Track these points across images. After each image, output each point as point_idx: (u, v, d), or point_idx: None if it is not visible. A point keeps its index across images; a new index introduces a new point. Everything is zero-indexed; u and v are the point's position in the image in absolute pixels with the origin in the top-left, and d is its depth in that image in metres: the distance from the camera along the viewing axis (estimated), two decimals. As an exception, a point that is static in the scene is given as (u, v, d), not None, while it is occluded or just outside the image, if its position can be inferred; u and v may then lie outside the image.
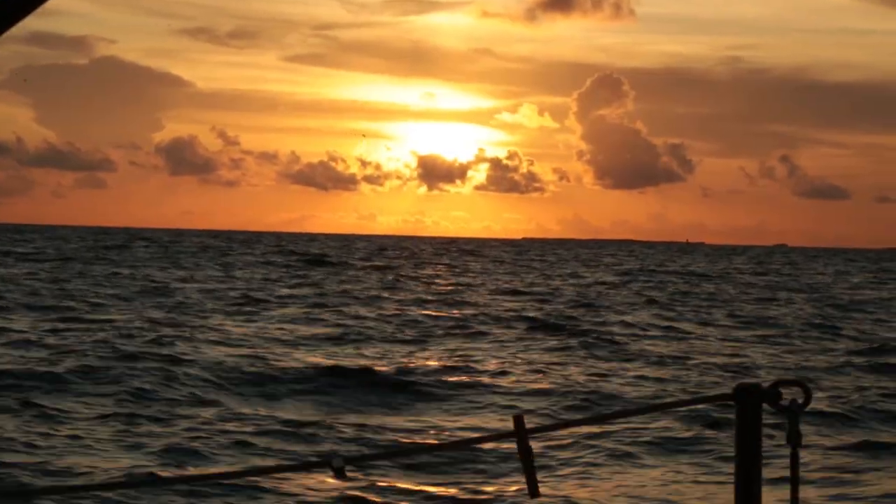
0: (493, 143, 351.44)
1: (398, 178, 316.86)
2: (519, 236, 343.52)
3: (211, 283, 46.18)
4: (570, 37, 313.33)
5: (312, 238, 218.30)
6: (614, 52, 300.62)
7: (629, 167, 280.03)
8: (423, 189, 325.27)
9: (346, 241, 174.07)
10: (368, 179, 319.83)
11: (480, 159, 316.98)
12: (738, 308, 40.81)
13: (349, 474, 2.99)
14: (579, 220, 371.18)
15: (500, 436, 3.40)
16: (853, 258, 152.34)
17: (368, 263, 76.35)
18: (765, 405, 3.15)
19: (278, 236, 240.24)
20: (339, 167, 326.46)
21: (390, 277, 57.33)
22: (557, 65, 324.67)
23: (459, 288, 49.21)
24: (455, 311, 35.81)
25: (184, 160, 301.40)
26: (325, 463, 3.04)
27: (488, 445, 14.51)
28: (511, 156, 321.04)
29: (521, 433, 3.10)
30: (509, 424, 3.17)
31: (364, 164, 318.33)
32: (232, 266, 63.82)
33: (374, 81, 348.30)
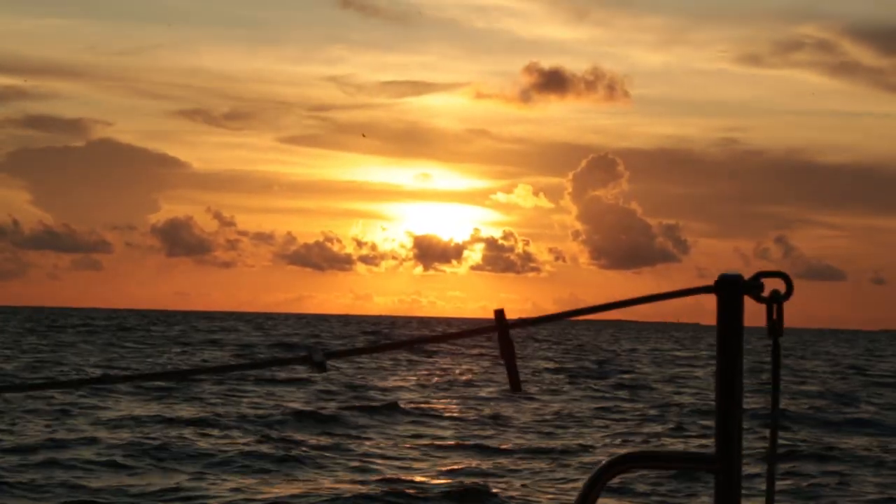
0: (489, 223, 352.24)
1: (394, 258, 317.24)
2: (514, 316, 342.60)
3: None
4: (564, 118, 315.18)
5: (300, 318, 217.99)
6: (609, 133, 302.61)
7: (625, 247, 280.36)
8: (419, 269, 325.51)
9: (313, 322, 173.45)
10: (364, 260, 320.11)
11: (476, 239, 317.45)
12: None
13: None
14: (575, 299, 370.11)
15: (482, 330, 3.11)
16: (848, 338, 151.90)
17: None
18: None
19: (271, 317, 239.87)
20: (335, 247, 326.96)
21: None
22: (552, 145, 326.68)
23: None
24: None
25: (179, 241, 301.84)
26: (306, 358, 2.99)
27: None
28: (507, 236, 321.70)
29: (502, 326, 3.05)
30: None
31: (360, 244, 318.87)
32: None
33: (369, 162, 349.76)
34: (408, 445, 21.53)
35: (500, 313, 3.10)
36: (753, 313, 3.18)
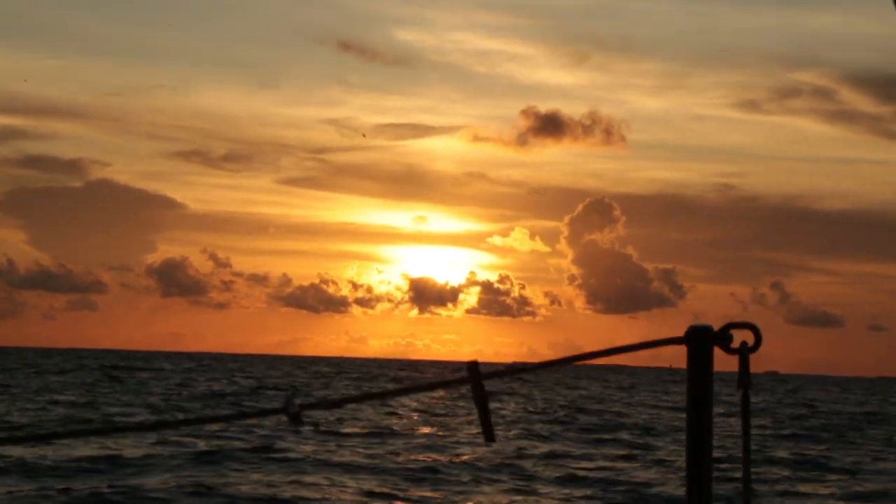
0: (485, 266, 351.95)
1: (389, 301, 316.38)
2: (510, 360, 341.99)
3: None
4: (561, 162, 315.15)
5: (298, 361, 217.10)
6: (605, 177, 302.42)
7: (620, 292, 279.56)
8: (415, 312, 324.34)
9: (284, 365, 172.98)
10: (360, 302, 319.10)
11: (472, 283, 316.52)
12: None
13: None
14: (571, 344, 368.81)
15: (456, 382, 3.20)
16: (847, 386, 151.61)
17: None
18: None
19: (266, 359, 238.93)
20: (331, 290, 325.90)
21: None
22: (549, 189, 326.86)
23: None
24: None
25: (175, 282, 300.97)
26: (281, 409, 3.02)
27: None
28: (503, 279, 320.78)
29: (475, 379, 3.08)
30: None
31: (355, 286, 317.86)
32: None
33: (366, 205, 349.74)
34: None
35: (473, 365, 3.10)
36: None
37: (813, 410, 63.07)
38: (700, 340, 3.13)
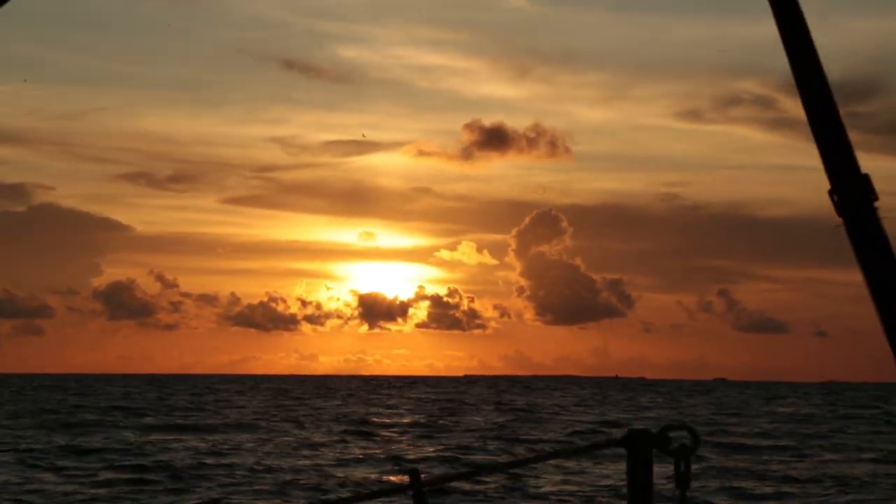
0: (433, 280, 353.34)
1: (339, 317, 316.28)
2: (461, 373, 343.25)
3: None
4: (506, 175, 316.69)
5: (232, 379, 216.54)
6: (551, 189, 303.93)
7: (569, 303, 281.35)
8: (365, 328, 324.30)
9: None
10: (309, 319, 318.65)
11: (421, 297, 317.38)
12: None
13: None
14: (521, 356, 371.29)
15: (397, 489, 3.44)
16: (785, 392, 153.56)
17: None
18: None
19: (214, 378, 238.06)
20: (280, 307, 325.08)
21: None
22: (495, 202, 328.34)
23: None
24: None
25: (122, 304, 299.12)
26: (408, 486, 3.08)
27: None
28: (451, 293, 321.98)
29: (417, 487, 3.09)
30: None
31: (304, 303, 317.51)
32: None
33: (313, 222, 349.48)
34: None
35: (414, 474, 3.16)
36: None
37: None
38: (639, 444, 3.16)
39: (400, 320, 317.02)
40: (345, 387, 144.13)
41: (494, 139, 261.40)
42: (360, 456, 35.82)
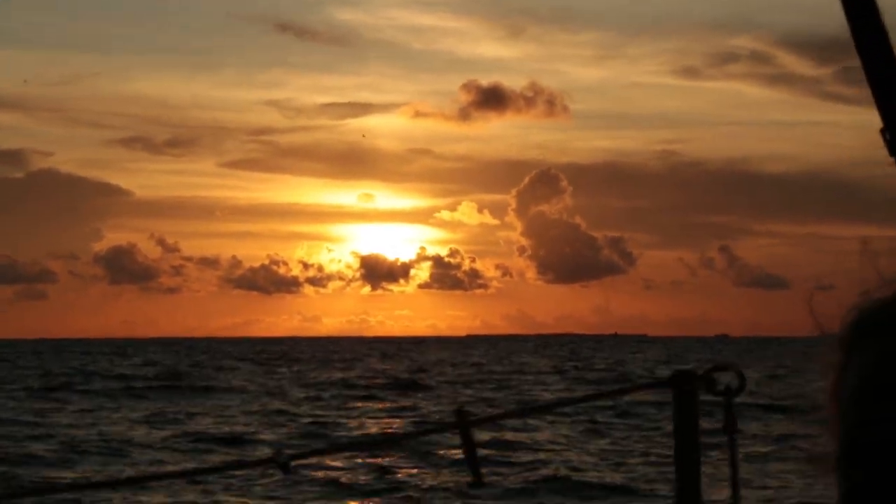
0: (434, 241, 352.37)
1: (341, 279, 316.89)
2: (464, 333, 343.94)
3: None
4: (505, 134, 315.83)
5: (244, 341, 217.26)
6: (550, 148, 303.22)
7: (570, 261, 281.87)
8: (367, 289, 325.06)
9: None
10: (311, 281, 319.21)
11: (422, 258, 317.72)
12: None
13: (295, 469, 3.02)
14: (524, 315, 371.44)
15: (443, 427, 3.45)
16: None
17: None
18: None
19: (220, 342, 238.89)
20: (281, 270, 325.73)
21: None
22: (494, 163, 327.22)
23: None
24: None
25: (123, 269, 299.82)
26: (271, 459, 3.06)
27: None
28: (453, 253, 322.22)
29: (463, 424, 3.07)
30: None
31: (306, 266, 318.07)
32: None
33: (312, 185, 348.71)
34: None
35: (460, 412, 3.09)
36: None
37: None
38: (684, 384, 3.10)
39: (402, 281, 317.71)
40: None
41: (492, 99, 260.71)
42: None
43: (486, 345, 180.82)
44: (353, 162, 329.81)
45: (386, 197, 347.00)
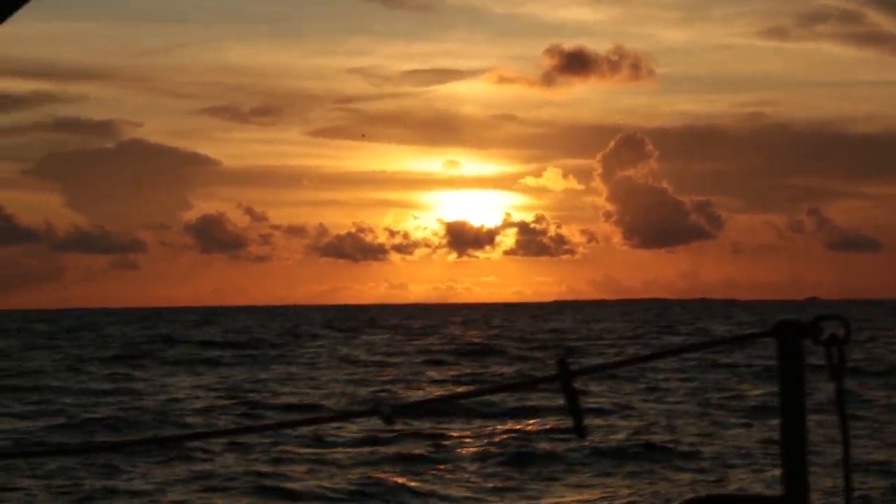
0: (520, 207, 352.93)
1: (427, 246, 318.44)
2: (550, 299, 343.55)
3: None
4: (589, 99, 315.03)
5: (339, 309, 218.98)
6: (635, 112, 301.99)
7: (657, 226, 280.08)
8: (453, 256, 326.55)
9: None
10: (397, 249, 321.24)
11: (508, 224, 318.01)
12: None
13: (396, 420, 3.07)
14: (610, 280, 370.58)
15: (544, 379, 3.20)
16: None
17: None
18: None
19: (309, 309, 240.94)
20: (368, 238, 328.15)
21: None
22: (579, 127, 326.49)
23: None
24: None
25: (213, 238, 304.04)
26: (373, 410, 3.04)
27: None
28: (538, 219, 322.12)
29: (565, 375, 3.01)
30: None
31: (392, 233, 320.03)
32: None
33: (397, 152, 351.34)
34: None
35: (562, 363, 3.04)
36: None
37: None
38: (789, 334, 3.05)
39: (488, 248, 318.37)
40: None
41: (576, 63, 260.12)
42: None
43: (572, 310, 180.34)
44: (438, 129, 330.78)
45: (471, 163, 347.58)
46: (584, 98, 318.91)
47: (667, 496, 17.30)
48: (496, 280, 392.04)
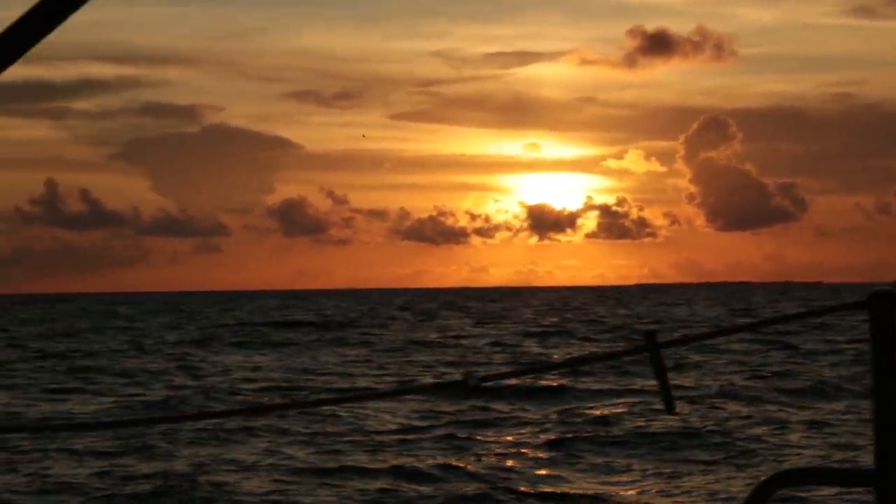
0: (601, 190, 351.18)
1: (508, 229, 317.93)
2: (632, 283, 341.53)
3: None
4: (672, 81, 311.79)
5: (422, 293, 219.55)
6: (718, 93, 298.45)
7: (741, 208, 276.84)
8: (534, 239, 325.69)
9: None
10: (478, 232, 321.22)
11: (589, 207, 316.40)
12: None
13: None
14: (693, 263, 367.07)
15: (631, 351, 3.13)
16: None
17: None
18: None
19: (391, 293, 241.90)
20: (449, 221, 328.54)
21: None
22: (662, 109, 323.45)
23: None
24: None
25: (295, 221, 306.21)
26: (461, 381, 3.02)
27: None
28: (620, 202, 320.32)
29: (653, 348, 2.96)
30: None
31: (473, 217, 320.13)
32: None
33: (478, 135, 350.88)
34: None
35: (650, 334, 2.98)
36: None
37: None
38: (882, 305, 2.95)
39: (569, 231, 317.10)
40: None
41: (658, 44, 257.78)
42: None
43: (655, 294, 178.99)
44: (519, 112, 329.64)
45: (552, 146, 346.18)
46: (667, 79, 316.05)
47: (759, 473, 17.01)
48: (577, 263, 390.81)
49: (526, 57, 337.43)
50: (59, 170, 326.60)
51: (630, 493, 16.45)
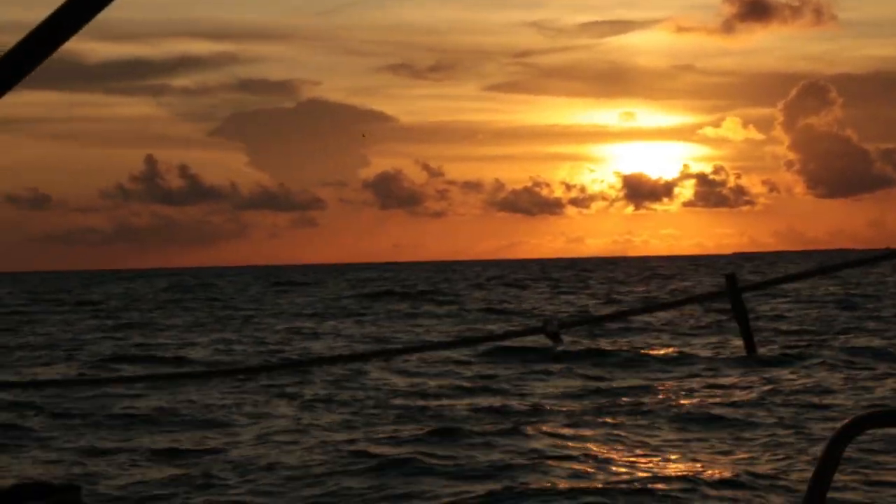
0: (698, 158, 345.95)
1: (603, 199, 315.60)
2: (730, 251, 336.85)
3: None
4: (770, 47, 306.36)
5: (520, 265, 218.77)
6: (818, 59, 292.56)
7: (842, 175, 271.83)
8: (630, 209, 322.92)
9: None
10: (574, 202, 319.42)
11: (686, 175, 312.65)
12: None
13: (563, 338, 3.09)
14: (793, 231, 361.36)
15: (712, 295, 3.22)
16: None
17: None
18: None
19: (486, 264, 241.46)
20: (544, 192, 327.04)
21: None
22: (760, 75, 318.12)
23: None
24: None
25: (391, 194, 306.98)
26: (540, 328, 3.07)
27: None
28: (717, 170, 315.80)
29: (733, 291, 2.95)
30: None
31: (568, 187, 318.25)
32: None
33: (573, 105, 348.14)
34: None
35: (731, 277, 2.98)
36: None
37: None
38: None
39: (665, 200, 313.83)
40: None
41: (756, 10, 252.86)
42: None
43: (755, 262, 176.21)
44: (613, 80, 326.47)
45: (647, 115, 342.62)
46: (765, 46, 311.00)
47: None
48: (675, 233, 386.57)
49: (620, 26, 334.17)
50: (158, 146, 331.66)
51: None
